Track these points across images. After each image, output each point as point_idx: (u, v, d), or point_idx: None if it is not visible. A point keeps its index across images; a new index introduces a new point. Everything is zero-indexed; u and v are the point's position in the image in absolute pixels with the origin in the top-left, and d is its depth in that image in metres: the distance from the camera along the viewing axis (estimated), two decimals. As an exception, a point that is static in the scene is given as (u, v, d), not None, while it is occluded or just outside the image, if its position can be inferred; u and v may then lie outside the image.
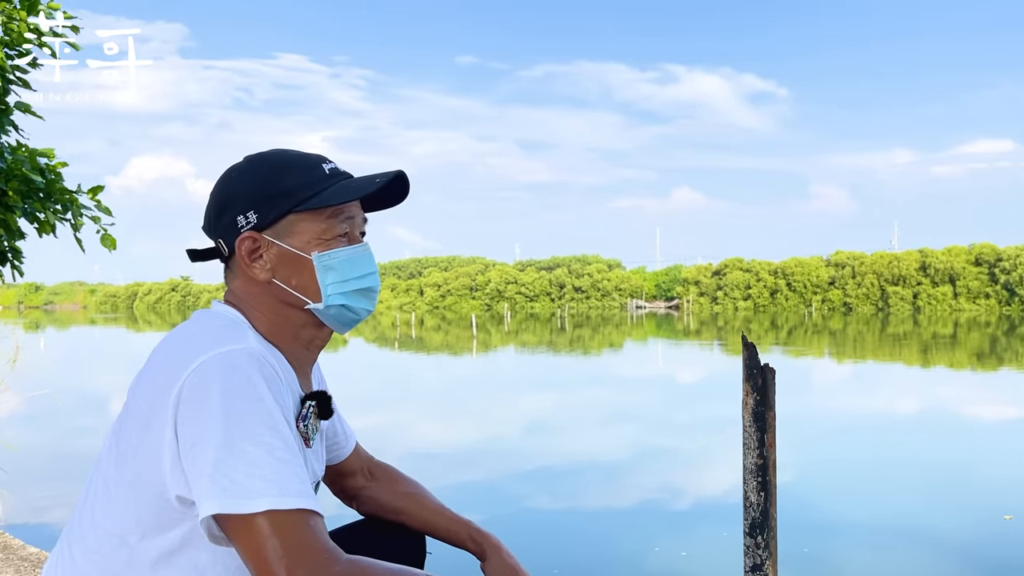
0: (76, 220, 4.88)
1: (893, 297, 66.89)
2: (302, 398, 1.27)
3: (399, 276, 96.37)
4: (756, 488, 1.06)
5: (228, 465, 1.04)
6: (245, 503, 1.03)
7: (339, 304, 1.27)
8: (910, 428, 9.88)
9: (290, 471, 1.06)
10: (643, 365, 21.01)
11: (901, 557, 4.94)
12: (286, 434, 1.09)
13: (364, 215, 1.34)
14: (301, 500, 1.05)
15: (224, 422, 1.06)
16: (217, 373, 1.09)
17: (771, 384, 1.05)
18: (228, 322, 1.23)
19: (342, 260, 1.26)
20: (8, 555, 3.14)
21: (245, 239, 1.25)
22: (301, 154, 1.30)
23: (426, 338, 33.00)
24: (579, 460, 7.78)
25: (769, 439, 1.06)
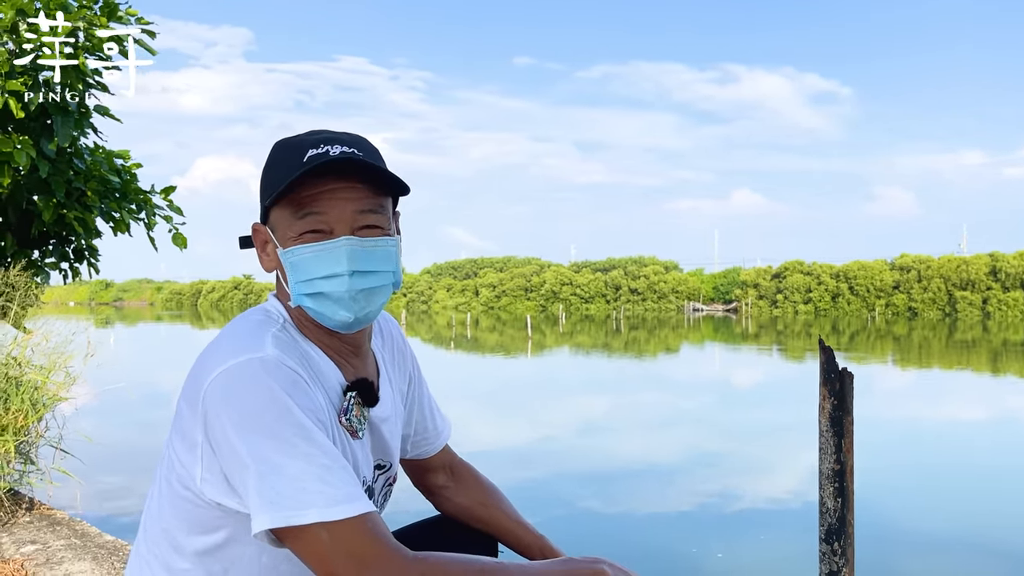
0: (150, 219, 5.05)
1: (961, 302, 64.65)
2: (344, 389, 1.23)
3: (455, 276, 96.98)
4: (833, 494, 1.04)
5: (272, 480, 1.03)
6: (296, 515, 1.02)
7: (307, 306, 1.19)
8: (977, 437, 9.54)
9: (335, 477, 1.05)
10: (700, 369, 20.74)
11: (966, 566, 4.78)
12: (321, 439, 1.07)
13: (372, 206, 1.19)
14: (352, 506, 1.04)
15: (257, 437, 1.04)
16: (235, 387, 1.08)
17: (849, 389, 1.03)
18: (257, 322, 1.19)
19: (302, 258, 1.17)
20: (86, 543, 3.26)
21: (256, 231, 1.25)
22: (301, 139, 1.21)
23: (481, 338, 33.14)
24: (633, 463, 7.72)
25: (847, 444, 1.04)
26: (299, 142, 1.20)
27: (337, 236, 1.16)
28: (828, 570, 1.09)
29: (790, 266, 75.54)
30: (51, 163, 4.20)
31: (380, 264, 1.20)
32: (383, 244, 1.20)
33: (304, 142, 1.19)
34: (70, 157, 4.54)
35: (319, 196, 1.16)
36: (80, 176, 4.59)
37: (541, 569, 1.07)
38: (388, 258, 1.21)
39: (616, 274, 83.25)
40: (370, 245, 1.18)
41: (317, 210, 1.16)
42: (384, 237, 1.20)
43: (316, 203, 1.16)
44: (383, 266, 1.20)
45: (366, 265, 1.18)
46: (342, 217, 1.16)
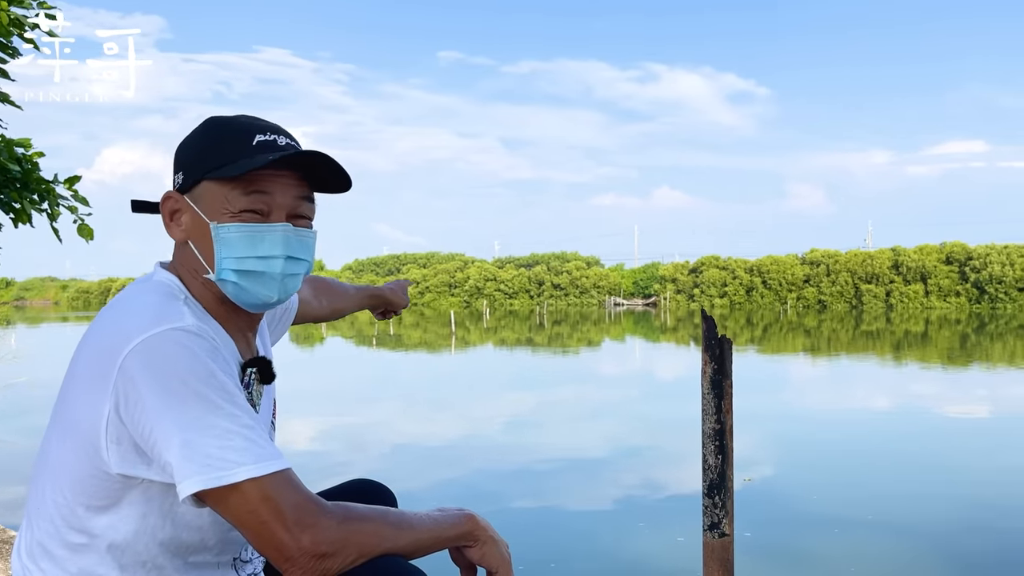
0: (53, 210, 4.86)
1: (867, 295, 67.66)
2: (242, 365, 1.28)
3: (377, 273, 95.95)
4: (714, 451, 1.13)
5: (199, 443, 1.06)
6: (226, 475, 1.05)
7: (231, 281, 1.23)
8: (882, 424, 10.06)
9: (258, 435, 1.10)
10: (621, 362, 21.15)
11: (873, 545, 5.07)
12: (243, 402, 1.12)
13: (307, 197, 1.28)
14: (276, 462, 1.09)
15: (182, 402, 1.07)
16: (160, 354, 1.09)
17: (728, 354, 1.12)
18: (164, 295, 1.21)
19: (240, 236, 1.21)
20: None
21: (168, 198, 1.28)
22: (244, 122, 1.26)
23: (404, 335, 32.95)
24: (558, 457, 7.85)
25: (726, 405, 1.12)
26: (244, 123, 1.26)
27: (273, 220, 1.23)
28: (710, 522, 1.18)
29: (706, 261, 77.61)
30: (-54, 151, 4.02)
31: (307, 253, 1.29)
32: (309, 235, 1.29)
33: (251, 125, 1.26)
34: (-34, 145, 4.34)
35: (267, 179, 1.22)
36: (-23, 165, 4.40)
37: (427, 516, 1.22)
38: (310, 248, 1.30)
39: (539, 270, 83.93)
40: (302, 235, 1.26)
41: (264, 191, 1.22)
42: (310, 230, 1.30)
43: (265, 185, 1.22)
44: (307, 255, 1.29)
45: (297, 252, 1.26)
46: (283, 203, 1.24)
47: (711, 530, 1.16)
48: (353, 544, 1.10)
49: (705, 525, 1.22)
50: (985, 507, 5.85)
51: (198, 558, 1.24)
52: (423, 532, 1.18)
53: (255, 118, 1.29)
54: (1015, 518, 5.53)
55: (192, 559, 1.23)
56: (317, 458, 7.38)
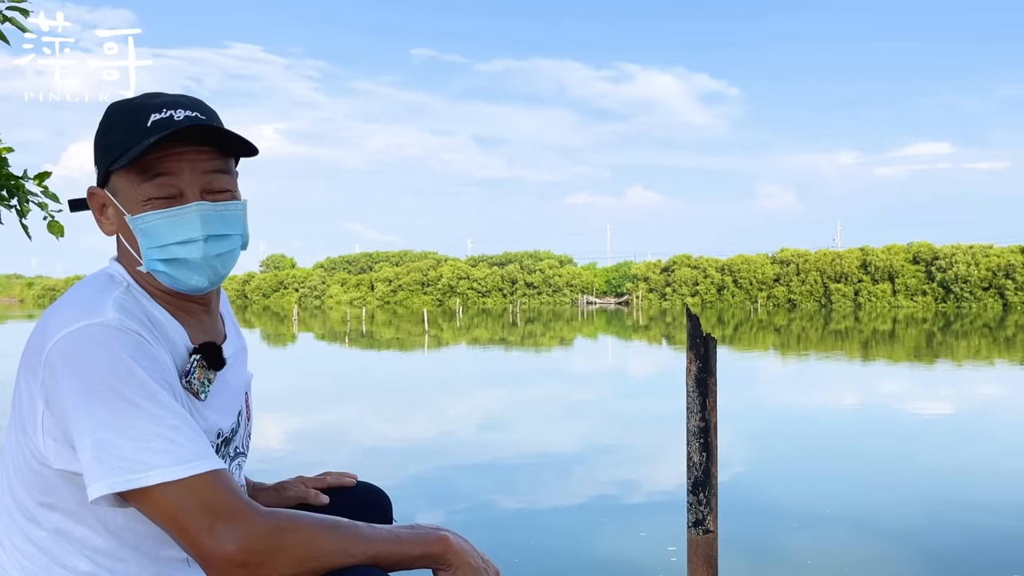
0: (23, 206, 4.78)
1: (836, 294, 68.58)
2: (190, 351, 1.23)
3: (349, 271, 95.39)
4: (699, 449, 1.14)
5: (113, 443, 1.03)
6: (138, 478, 1.02)
7: (159, 270, 1.20)
8: (850, 420, 10.21)
9: (182, 436, 1.05)
10: (593, 361, 21.24)
11: (843, 538, 5.15)
12: (167, 400, 1.07)
13: (219, 169, 1.20)
14: (198, 464, 1.04)
15: (98, 400, 1.04)
16: (77, 351, 1.07)
17: (713, 352, 1.13)
18: (98, 288, 1.18)
19: (155, 224, 1.17)
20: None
21: (92, 194, 1.25)
22: (139, 104, 1.20)
23: (377, 333, 32.80)
24: (532, 455, 7.86)
25: (711, 403, 1.14)
26: (139, 105, 1.20)
27: (187, 200, 1.18)
28: (695, 519, 1.19)
29: (678, 260, 78.18)
30: (-89, 145, 3.93)
31: (231, 227, 1.22)
32: (233, 208, 1.22)
33: (145, 105, 1.19)
34: (-67, 140, 4.25)
35: (166, 160, 1.16)
36: (-56, 160, 4.31)
37: (390, 531, 1.12)
38: (237, 221, 1.24)
39: (512, 268, 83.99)
40: (221, 209, 1.20)
41: (165, 173, 1.17)
42: (233, 201, 1.23)
43: (164, 167, 1.17)
44: (234, 229, 1.23)
45: (219, 229, 1.20)
46: (192, 181, 1.18)
47: (696, 527, 1.17)
48: (285, 554, 1.02)
49: (690, 522, 1.24)
50: (949, 502, 5.97)
51: (165, 553, 1.21)
52: (379, 547, 1.08)
53: (154, 95, 1.22)
54: (979, 512, 5.65)
55: (161, 554, 1.20)
56: (288, 458, 7.32)
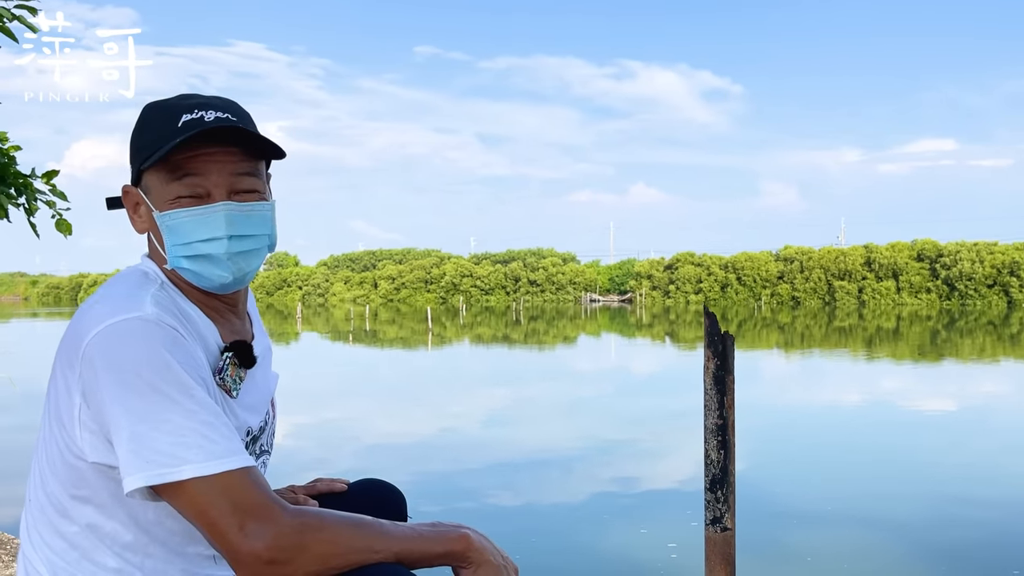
0: (31, 204, 4.79)
1: (839, 291, 68.46)
2: (222, 349, 1.24)
3: (353, 269, 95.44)
4: (716, 446, 1.15)
5: (150, 437, 1.04)
6: (172, 472, 1.04)
7: (184, 268, 1.21)
8: (854, 417, 10.21)
9: (215, 432, 1.06)
10: (597, 359, 21.24)
11: (849, 533, 5.15)
12: (202, 395, 1.09)
13: (247, 172, 1.22)
14: (230, 460, 1.05)
15: (135, 394, 1.05)
16: (116, 344, 1.08)
17: (730, 350, 1.13)
18: (134, 283, 1.20)
19: (181, 222, 1.19)
20: (-32, 540, 3.10)
21: (126, 192, 1.27)
22: (173, 104, 1.22)
23: (380, 331, 32.83)
24: (535, 453, 7.87)
25: (728, 401, 1.14)
26: (172, 105, 1.22)
27: (214, 200, 1.19)
28: (712, 516, 1.20)
29: (682, 258, 78.09)
30: (-80, 144, 3.94)
31: (257, 228, 1.24)
32: (259, 208, 1.24)
33: (178, 106, 1.21)
34: (-58, 138, 4.26)
35: (195, 160, 1.18)
36: (-47, 159, 4.32)
37: (412, 528, 1.14)
38: (264, 222, 1.25)
39: (516, 266, 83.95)
40: (247, 210, 1.22)
41: (194, 173, 1.18)
42: (260, 202, 1.24)
43: (193, 167, 1.18)
44: (259, 230, 1.24)
45: (244, 229, 1.22)
46: (219, 181, 1.19)
47: (713, 524, 1.17)
48: (312, 552, 1.04)
49: (707, 519, 1.24)
50: (953, 498, 5.98)
51: (192, 549, 1.22)
52: (402, 544, 1.10)
53: (188, 96, 1.24)
54: (980, 507, 5.65)
55: (188, 550, 1.21)
56: (293, 455, 7.33)
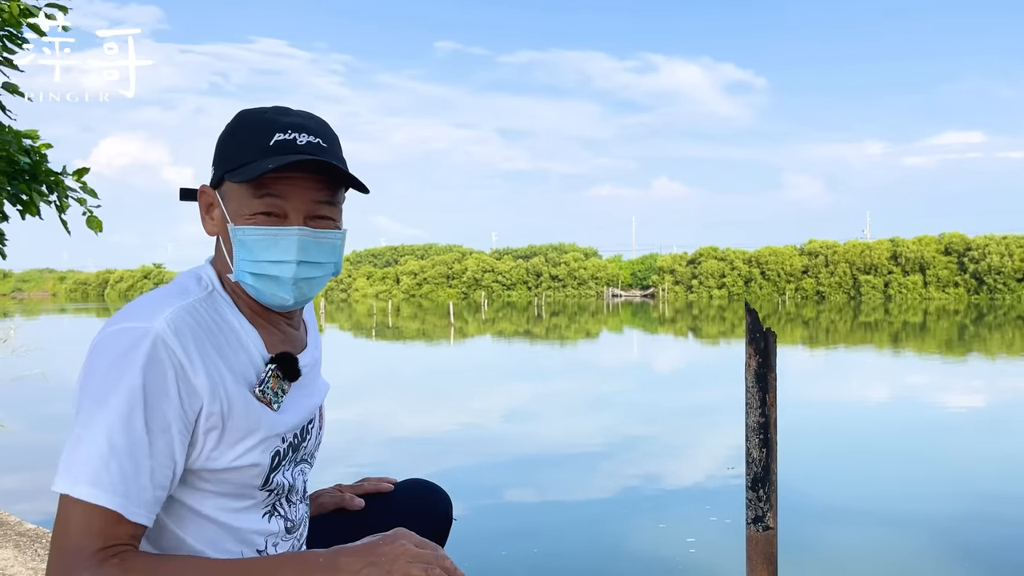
0: (62, 202, 4.86)
1: (865, 286, 67.79)
2: (266, 361, 1.24)
3: (375, 264, 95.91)
4: (758, 445, 1.13)
5: (75, 446, 1.06)
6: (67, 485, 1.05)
7: (247, 283, 1.22)
8: (880, 413, 10.10)
9: (118, 465, 1.05)
10: (619, 354, 21.18)
11: (878, 532, 5.09)
12: (139, 426, 1.07)
13: (326, 200, 1.23)
14: (107, 496, 1.04)
15: (90, 403, 1.07)
16: (97, 352, 1.10)
17: (772, 347, 1.12)
18: (176, 290, 1.20)
19: (254, 240, 1.19)
20: (6, 531, 3.16)
21: (203, 192, 1.27)
22: (267, 119, 1.22)
23: (403, 327, 32.95)
24: (558, 448, 7.86)
25: (770, 399, 1.13)
26: (267, 121, 1.22)
27: (290, 223, 1.20)
28: (754, 515, 1.18)
29: (705, 252, 77.69)
30: (-45, 143, 4.00)
31: (326, 256, 1.25)
32: (331, 237, 1.24)
33: (272, 122, 1.21)
34: (-25, 137, 4.33)
35: (279, 182, 1.18)
36: (-14, 156, 4.38)
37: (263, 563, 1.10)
38: (333, 250, 1.26)
39: (537, 261, 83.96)
40: (320, 236, 1.22)
41: (276, 195, 1.19)
42: (334, 231, 1.25)
43: (275, 188, 1.19)
44: (328, 257, 1.25)
45: (313, 256, 1.22)
46: (299, 206, 1.20)
47: (755, 523, 1.16)
48: None
49: (749, 519, 1.22)
50: (985, 497, 5.89)
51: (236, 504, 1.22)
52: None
53: (283, 112, 1.25)
54: (1014, 506, 5.56)
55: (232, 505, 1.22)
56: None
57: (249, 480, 1.21)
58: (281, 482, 1.27)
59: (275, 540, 1.29)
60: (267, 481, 1.24)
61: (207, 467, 1.16)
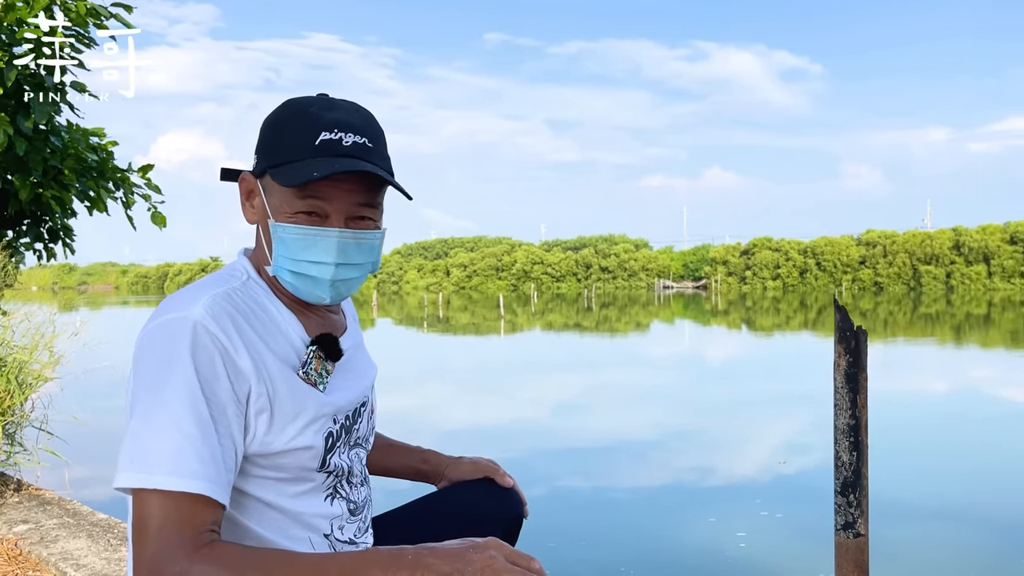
0: (128, 198, 4.99)
1: (925, 276, 65.93)
2: (307, 344, 1.24)
3: (425, 256, 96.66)
4: (848, 448, 1.09)
5: (137, 439, 1.04)
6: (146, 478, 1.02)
7: (284, 279, 1.22)
8: (942, 408, 9.80)
9: (192, 449, 1.04)
10: (670, 346, 20.97)
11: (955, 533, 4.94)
12: (202, 410, 1.06)
13: (368, 203, 1.22)
14: (188, 482, 1.02)
15: (145, 393, 1.06)
16: (146, 345, 1.10)
17: (863, 346, 1.07)
18: (211, 280, 1.21)
19: (294, 238, 1.19)
20: (79, 521, 3.25)
21: (244, 179, 1.26)
22: (313, 114, 1.20)
23: (453, 319, 33.16)
24: (609, 440, 7.81)
25: (861, 400, 1.08)
26: (312, 117, 1.20)
27: (331, 224, 1.19)
28: (844, 521, 1.14)
29: (759, 243, 76.42)
30: (28, 141, 4.12)
31: (364, 256, 1.24)
32: (370, 237, 1.24)
33: (318, 119, 1.19)
34: (46, 135, 4.45)
35: (323, 185, 1.17)
36: (56, 154, 4.50)
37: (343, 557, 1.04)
38: (372, 250, 1.26)
39: (587, 252, 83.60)
40: (359, 238, 1.22)
41: (319, 197, 1.18)
42: (373, 231, 1.25)
43: (319, 191, 1.18)
44: (367, 258, 1.25)
45: (352, 257, 1.22)
46: (340, 207, 1.19)
47: (844, 530, 1.11)
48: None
49: (838, 524, 1.18)
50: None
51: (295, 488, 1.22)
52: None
53: (328, 105, 1.23)
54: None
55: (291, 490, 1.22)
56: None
57: (306, 463, 1.21)
58: (339, 464, 1.28)
59: (340, 523, 1.29)
60: (324, 463, 1.24)
61: (262, 452, 1.16)
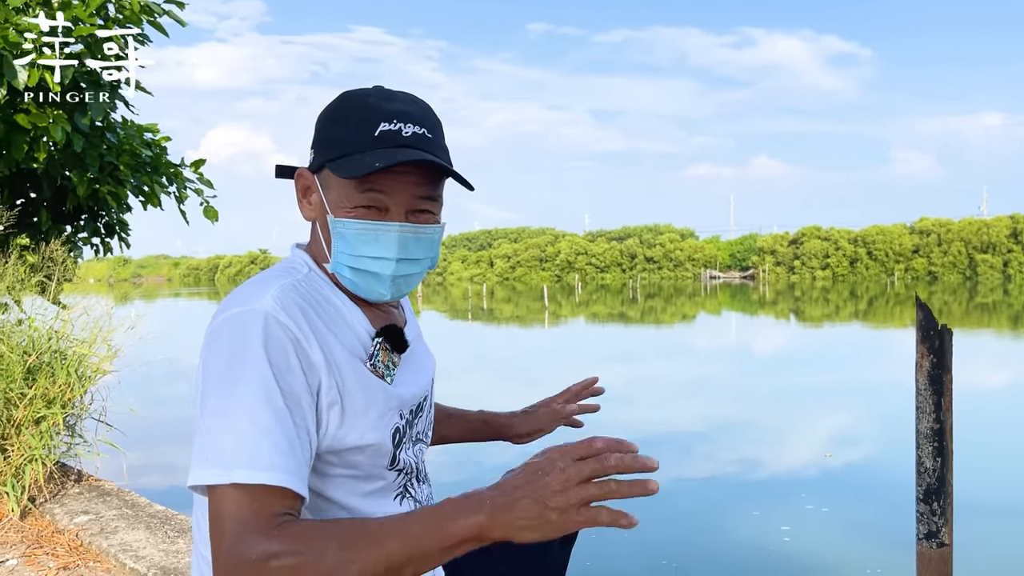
0: (181, 193, 5.09)
1: (982, 265, 64.04)
2: (372, 336, 1.22)
3: (469, 248, 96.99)
4: (932, 453, 1.03)
5: (211, 436, 1.02)
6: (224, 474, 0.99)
7: (344, 275, 1.20)
8: (999, 400, 9.52)
9: (268, 443, 1.01)
10: (717, 337, 20.71)
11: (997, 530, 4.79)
12: (278, 402, 1.03)
13: (428, 196, 1.19)
14: (265, 474, 0.99)
15: (218, 388, 1.04)
16: (217, 338, 1.08)
17: (948, 346, 1.01)
18: (274, 273, 1.19)
19: (354, 233, 1.17)
20: (138, 512, 3.32)
21: (300, 175, 1.24)
22: (371, 105, 1.18)
23: (497, 309, 33.22)
24: (652, 432, 7.74)
25: (946, 403, 1.02)
26: (371, 108, 1.18)
27: (392, 218, 1.17)
28: (927, 531, 1.08)
29: (807, 232, 75.01)
30: (85, 137, 4.21)
31: (424, 251, 1.22)
32: (431, 232, 1.21)
33: (376, 110, 1.17)
34: (102, 131, 4.54)
35: (382, 177, 1.15)
36: (112, 150, 4.60)
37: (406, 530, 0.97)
38: (432, 245, 1.23)
39: (631, 243, 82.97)
40: (420, 232, 1.19)
41: (380, 190, 1.16)
42: (433, 225, 1.22)
43: (380, 183, 1.15)
44: (426, 253, 1.23)
45: (413, 252, 1.20)
46: (401, 201, 1.17)
47: (928, 539, 1.05)
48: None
49: (920, 534, 1.12)
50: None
51: (367, 487, 1.21)
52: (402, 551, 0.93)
53: (386, 96, 1.20)
54: None
55: (363, 489, 1.20)
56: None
57: (376, 460, 1.19)
58: (407, 460, 1.26)
59: None
60: (394, 460, 1.22)
61: (333, 447, 1.13)
